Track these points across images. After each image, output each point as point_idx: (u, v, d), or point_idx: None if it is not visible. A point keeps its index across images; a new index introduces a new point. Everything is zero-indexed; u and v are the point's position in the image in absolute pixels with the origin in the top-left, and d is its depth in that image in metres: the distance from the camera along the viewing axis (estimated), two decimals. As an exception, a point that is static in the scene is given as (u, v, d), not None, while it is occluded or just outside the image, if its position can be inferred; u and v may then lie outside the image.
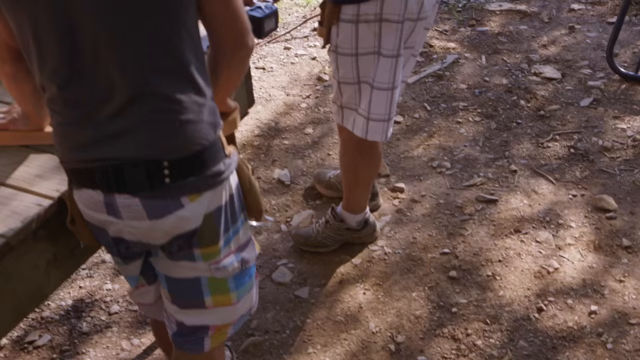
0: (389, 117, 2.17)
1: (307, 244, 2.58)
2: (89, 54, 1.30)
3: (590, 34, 3.69)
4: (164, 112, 1.34)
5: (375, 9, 1.97)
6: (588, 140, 2.97)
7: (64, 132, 1.41)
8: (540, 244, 2.51)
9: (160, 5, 1.29)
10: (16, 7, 1.31)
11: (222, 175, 1.43)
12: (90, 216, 1.47)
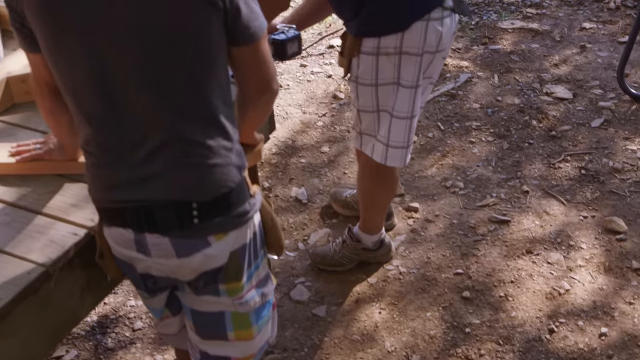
0: (408, 144, 2.25)
1: (324, 262, 2.66)
2: (121, 101, 1.39)
3: (601, 53, 3.75)
4: (193, 157, 1.43)
5: (396, 42, 2.05)
6: (599, 162, 3.03)
7: (96, 173, 1.50)
8: (552, 265, 2.58)
9: (192, 56, 1.37)
10: (54, 52, 1.40)
11: (247, 215, 1.52)
12: (119, 252, 1.56)
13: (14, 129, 2.05)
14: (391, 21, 2.03)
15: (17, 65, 2.14)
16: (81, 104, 1.43)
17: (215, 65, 1.41)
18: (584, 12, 4.13)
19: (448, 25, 2.07)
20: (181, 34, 1.34)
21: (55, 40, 1.38)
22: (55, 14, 1.34)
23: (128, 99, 1.38)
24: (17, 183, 1.84)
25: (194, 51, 1.37)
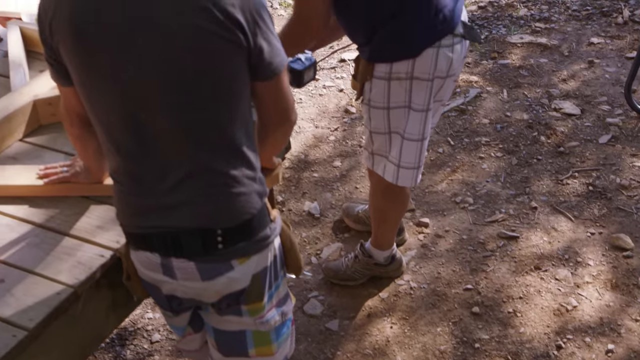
0: (419, 164, 2.31)
1: (336, 277, 2.72)
2: (150, 134, 1.46)
3: (609, 68, 3.80)
4: (218, 186, 1.50)
5: (407, 68, 2.11)
6: (606, 178, 3.09)
7: (124, 200, 1.57)
8: (560, 282, 2.64)
9: (217, 92, 1.45)
10: (87, 86, 1.47)
11: (268, 240, 1.59)
12: (145, 275, 1.63)
13: (41, 151, 2.13)
14: (403, 48, 2.09)
15: (44, 88, 2.21)
16: (111, 135, 1.50)
17: (239, 100, 1.48)
18: (592, 27, 4.18)
19: (458, 52, 2.14)
20: (207, 71, 1.41)
21: (88, 76, 1.45)
22: (88, 51, 1.41)
23: (156, 133, 1.45)
24: (45, 204, 1.92)
25: (218, 88, 1.44)
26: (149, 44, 1.38)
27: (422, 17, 2.05)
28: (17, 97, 2.16)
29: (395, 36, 2.09)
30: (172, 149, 1.47)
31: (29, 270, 1.73)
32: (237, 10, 1.37)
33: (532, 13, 4.37)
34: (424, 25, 2.06)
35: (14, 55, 2.38)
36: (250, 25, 1.40)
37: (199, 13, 1.36)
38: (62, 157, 2.09)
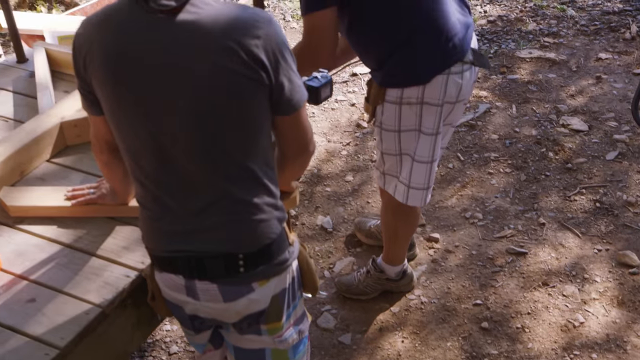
0: (428, 185, 2.38)
1: (349, 291, 2.80)
2: (176, 164, 1.53)
3: (616, 84, 3.86)
4: (240, 214, 1.57)
5: (417, 93, 2.18)
6: (613, 195, 3.15)
7: (150, 225, 1.64)
8: (567, 298, 2.71)
9: (240, 126, 1.52)
10: (117, 117, 1.55)
11: (286, 263, 1.66)
12: (169, 295, 1.70)
13: (67, 171, 2.21)
14: (413, 74, 2.17)
15: (70, 110, 2.29)
16: (138, 163, 1.58)
17: (261, 133, 1.56)
18: (600, 42, 4.24)
19: (467, 78, 2.21)
20: (230, 107, 1.48)
21: (118, 107, 1.53)
22: (119, 86, 1.49)
23: (182, 163, 1.53)
24: (73, 225, 2.00)
25: (241, 122, 1.51)
26: (175, 80, 1.46)
27: (433, 46, 2.12)
28: (45, 119, 2.25)
29: (406, 63, 2.16)
30: (196, 178, 1.55)
31: (59, 290, 1.81)
32: (260, 50, 1.45)
33: (540, 27, 4.44)
34: (434, 53, 2.13)
35: (40, 77, 2.47)
36: (272, 64, 1.47)
37: (224, 53, 1.43)
38: (87, 177, 2.18)
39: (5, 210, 2.03)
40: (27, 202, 2.03)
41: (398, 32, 2.12)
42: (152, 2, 1.43)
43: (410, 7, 2.09)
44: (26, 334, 1.69)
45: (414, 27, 2.10)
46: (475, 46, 2.25)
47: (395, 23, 2.11)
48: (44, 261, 1.91)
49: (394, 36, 2.13)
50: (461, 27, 2.15)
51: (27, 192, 2.07)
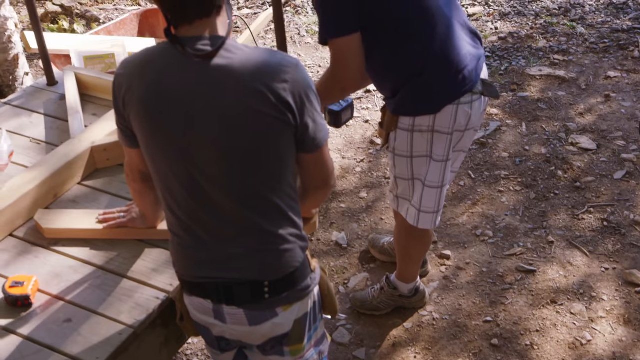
0: (438, 209, 2.48)
1: (363, 307, 2.90)
2: (206, 196, 1.65)
3: (625, 103, 3.95)
4: (266, 244, 1.69)
5: (428, 121, 2.28)
6: (620, 214, 3.24)
7: (181, 252, 1.75)
8: (575, 316, 2.79)
9: (267, 163, 1.63)
10: (152, 150, 1.66)
11: (309, 289, 1.77)
12: (197, 317, 1.81)
13: (97, 194, 2.33)
14: (425, 104, 2.26)
15: (100, 135, 2.41)
16: (171, 194, 1.69)
17: (285, 170, 1.67)
18: (609, 60, 4.33)
19: (477, 107, 2.30)
20: (258, 145, 1.60)
21: (153, 141, 1.64)
22: (155, 123, 1.60)
23: (212, 195, 1.64)
24: (104, 247, 2.12)
25: (267, 159, 1.63)
26: (208, 119, 1.57)
27: (443, 77, 2.22)
28: (77, 144, 2.37)
29: (418, 93, 2.26)
30: (225, 210, 1.65)
31: (93, 311, 1.92)
32: (288, 93, 1.56)
33: (551, 45, 4.53)
34: (445, 85, 2.23)
35: (71, 102, 2.59)
36: (298, 106, 1.59)
37: (254, 95, 1.54)
38: (115, 200, 2.29)
39: (40, 232, 2.15)
40: (61, 225, 2.15)
41: (412, 63, 2.22)
42: (189, 47, 1.54)
43: (424, 41, 2.19)
44: (64, 353, 1.81)
45: (427, 59, 2.20)
46: (486, 76, 2.34)
47: (410, 55, 2.21)
48: (78, 282, 2.02)
49: (407, 67, 2.23)
50: (471, 59, 2.25)
51: (61, 214, 2.19)
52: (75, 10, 4.95)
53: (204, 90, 1.56)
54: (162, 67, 1.60)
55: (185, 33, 1.56)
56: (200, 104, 1.57)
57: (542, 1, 5.06)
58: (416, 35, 2.18)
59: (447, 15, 2.21)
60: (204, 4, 1.53)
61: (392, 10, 2.17)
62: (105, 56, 3.30)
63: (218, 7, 1.57)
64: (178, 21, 1.56)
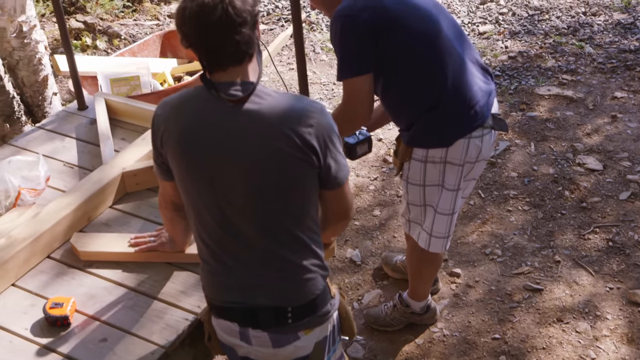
0: (448, 234, 2.61)
1: (376, 323, 3.03)
2: (235, 228, 1.79)
3: (631, 124, 4.06)
4: (290, 273, 1.83)
5: (441, 154, 2.41)
6: (625, 234, 3.36)
7: (210, 279, 1.90)
8: (580, 334, 2.91)
9: (292, 200, 1.78)
10: (186, 184, 1.81)
11: (328, 314, 1.91)
12: (224, 338, 1.95)
13: (128, 217, 2.47)
14: (438, 138, 2.40)
15: (130, 161, 2.55)
16: (202, 224, 1.83)
17: (308, 206, 1.81)
18: (616, 80, 4.44)
19: (487, 140, 2.43)
20: (284, 184, 1.74)
21: (189, 178, 1.79)
22: (192, 160, 1.75)
23: (241, 228, 1.78)
24: (136, 269, 2.26)
25: (293, 196, 1.77)
26: (239, 159, 1.72)
27: (457, 113, 2.35)
28: (109, 169, 2.51)
29: (432, 128, 2.39)
30: (252, 242, 1.79)
31: (127, 331, 2.06)
32: (312, 137, 1.71)
33: (559, 64, 4.64)
34: (457, 120, 2.36)
35: (102, 128, 2.73)
36: (322, 149, 1.73)
37: (281, 138, 1.69)
38: (145, 224, 2.43)
39: (76, 254, 2.30)
40: (96, 248, 2.29)
41: (426, 100, 2.35)
42: (223, 92, 1.69)
43: (438, 79, 2.32)
44: (101, 372, 1.95)
45: (441, 96, 2.33)
46: (496, 110, 2.47)
47: (424, 92, 2.34)
48: (112, 303, 2.16)
49: (422, 103, 2.36)
50: (483, 94, 2.37)
51: (95, 238, 2.33)
52: (97, 27, 5.11)
53: (235, 132, 1.71)
54: (197, 110, 1.75)
55: (219, 78, 1.71)
56: (231, 145, 1.71)
57: (551, 20, 5.18)
58: (430, 73, 2.31)
59: (460, 53, 2.35)
60: (236, 53, 1.69)
61: (406, 50, 2.31)
62: (130, 78, 3.45)
63: (250, 56, 1.72)
64: (212, 68, 1.72)
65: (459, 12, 5.47)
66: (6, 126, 3.46)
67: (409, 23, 2.30)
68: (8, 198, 2.43)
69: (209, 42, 1.67)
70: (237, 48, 1.67)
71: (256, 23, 1.71)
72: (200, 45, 1.69)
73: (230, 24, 1.64)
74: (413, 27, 2.30)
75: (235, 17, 1.64)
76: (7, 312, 2.11)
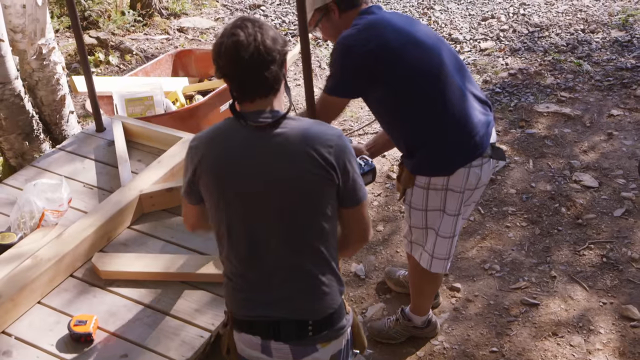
0: (449, 256, 2.75)
1: (380, 335, 3.17)
2: (261, 247, 1.95)
3: (626, 141, 4.19)
4: (312, 288, 1.98)
5: (443, 181, 2.56)
6: (619, 251, 3.49)
7: (235, 295, 2.04)
8: (574, 348, 3.05)
9: (315, 218, 1.94)
10: (217, 207, 1.97)
11: (344, 329, 2.07)
12: (245, 351, 2.09)
13: (145, 237, 2.62)
14: (440, 167, 2.54)
15: (147, 184, 2.70)
16: (231, 243, 1.98)
17: (329, 223, 1.97)
18: (613, 98, 4.57)
19: (486, 169, 2.58)
20: (309, 200, 1.92)
21: (219, 199, 1.95)
22: (222, 183, 1.93)
23: (269, 245, 1.95)
24: (153, 288, 2.41)
25: (318, 213, 1.94)
26: (268, 180, 1.90)
27: (457, 144, 2.50)
28: (127, 192, 2.66)
29: (433, 157, 2.54)
30: (279, 258, 1.96)
31: (146, 347, 2.20)
32: (332, 157, 1.89)
33: (558, 82, 4.78)
34: (458, 150, 2.50)
35: (120, 151, 2.88)
36: (341, 168, 1.91)
37: (305, 159, 1.88)
38: (165, 245, 2.57)
39: (97, 273, 2.44)
40: (116, 267, 2.44)
41: (428, 130, 2.49)
42: (251, 121, 1.89)
43: (439, 111, 2.46)
44: (123, 386, 2.10)
45: (442, 127, 2.47)
46: (494, 140, 2.61)
47: (426, 123, 2.49)
48: (131, 320, 2.31)
49: (424, 134, 2.51)
50: (482, 125, 2.51)
51: (115, 258, 2.48)
52: (110, 42, 5.27)
53: (264, 155, 1.90)
54: (228, 137, 1.94)
55: (247, 109, 1.92)
56: (261, 167, 1.90)
57: (551, 37, 5.32)
58: (431, 105, 2.46)
59: (460, 86, 2.49)
60: (263, 87, 1.89)
61: (407, 83, 2.46)
62: (144, 99, 3.60)
63: (275, 90, 1.92)
64: (241, 99, 1.93)
65: (461, 29, 5.61)
66: (25, 144, 3.61)
67: (410, 57, 2.44)
68: (33, 219, 2.58)
69: (240, 76, 1.88)
70: (266, 83, 1.88)
71: (284, 62, 1.92)
72: (232, 78, 1.90)
73: (261, 62, 1.85)
74: (414, 61, 2.44)
75: (266, 56, 1.84)
76: (34, 329, 2.26)
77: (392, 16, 2.56)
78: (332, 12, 2.55)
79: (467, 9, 5.97)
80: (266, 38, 1.85)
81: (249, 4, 6.46)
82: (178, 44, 5.74)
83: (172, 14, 6.18)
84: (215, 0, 6.55)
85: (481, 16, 5.81)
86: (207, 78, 4.28)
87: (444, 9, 6.04)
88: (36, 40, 3.60)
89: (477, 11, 5.92)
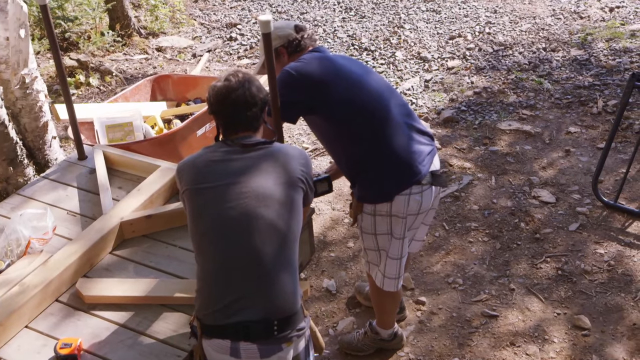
0: (399, 275, 2.97)
1: (349, 348, 3.37)
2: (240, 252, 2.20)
3: (582, 158, 4.44)
4: (279, 290, 2.21)
5: (386, 207, 2.78)
6: (573, 263, 3.72)
7: (206, 301, 2.25)
8: (530, 357, 3.27)
9: (293, 224, 2.24)
10: (196, 210, 2.26)
11: (304, 330, 2.31)
12: (214, 357, 2.28)
13: (125, 263, 2.79)
14: (380, 195, 2.76)
15: (127, 211, 2.87)
16: (207, 251, 2.23)
17: (298, 225, 2.27)
18: (571, 116, 4.82)
19: (427, 195, 2.78)
20: (289, 206, 2.23)
21: (197, 207, 2.23)
22: (199, 199, 2.22)
23: (247, 250, 2.19)
24: (134, 311, 2.57)
25: (294, 217, 2.25)
26: (251, 191, 2.20)
27: (393, 173, 2.71)
28: (108, 219, 2.83)
29: (373, 185, 2.76)
30: (256, 262, 2.19)
31: (128, 367, 2.38)
32: (304, 169, 2.29)
33: (520, 100, 5.02)
34: (395, 178, 2.72)
35: (101, 180, 3.06)
36: (308, 178, 2.31)
37: (283, 172, 2.24)
38: (142, 268, 2.75)
39: (81, 298, 2.61)
40: (98, 292, 2.61)
41: (362, 158, 2.74)
42: (237, 141, 2.28)
43: (372, 140, 2.70)
44: (107, 405, 2.27)
45: (377, 158, 2.71)
46: (437, 167, 2.81)
47: (360, 152, 2.73)
48: (114, 342, 2.47)
49: (359, 162, 2.76)
50: (420, 154, 2.73)
51: (98, 283, 2.65)
52: (90, 64, 5.43)
53: (246, 167, 2.23)
54: (211, 154, 2.29)
55: (231, 137, 2.30)
56: (243, 177, 2.21)
57: (514, 55, 5.57)
58: (358, 134, 2.71)
59: (397, 120, 2.72)
60: (246, 124, 2.31)
61: (331, 112, 2.71)
62: (124, 124, 3.77)
63: (255, 127, 2.33)
64: (227, 132, 2.32)
65: (429, 47, 5.84)
66: (10, 169, 3.76)
67: (335, 89, 2.69)
68: (19, 247, 2.74)
69: (227, 113, 2.31)
70: (247, 120, 2.30)
71: (265, 106, 2.34)
72: (220, 114, 2.33)
73: (245, 103, 2.28)
74: (340, 93, 2.68)
75: (250, 99, 2.28)
76: (22, 352, 2.42)
77: (336, 56, 2.86)
78: (281, 55, 2.85)
79: (435, 28, 6.21)
80: (252, 87, 2.29)
81: (225, 22, 6.65)
82: (157, 64, 5.91)
83: (151, 33, 6.34)
84: (193, 19, 6.72)
85: (449, 35, 6.05)
86: (185, 102, 4.46)
87: (413, 27, 6.27)
88: (19, 70, 3.76)
89: (445, 30, 6.16)
